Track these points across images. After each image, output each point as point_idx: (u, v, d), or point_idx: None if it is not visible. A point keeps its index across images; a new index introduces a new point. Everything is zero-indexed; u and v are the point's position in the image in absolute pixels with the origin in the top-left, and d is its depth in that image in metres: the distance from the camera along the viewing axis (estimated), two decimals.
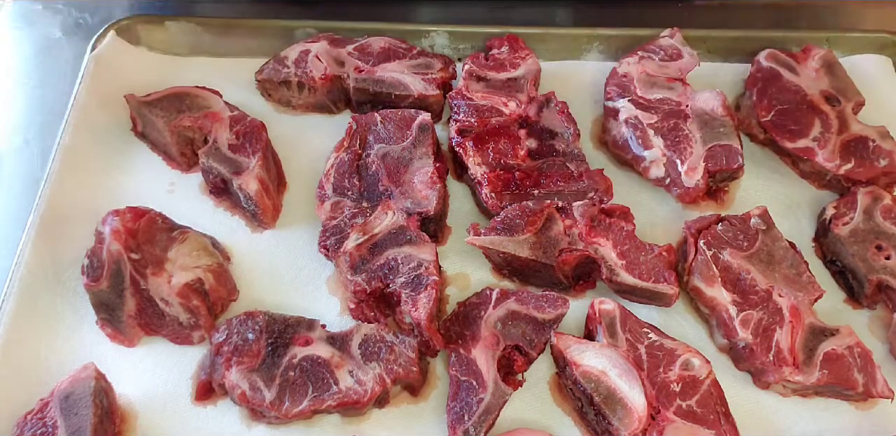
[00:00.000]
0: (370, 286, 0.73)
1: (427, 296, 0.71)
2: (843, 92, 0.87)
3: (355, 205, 0.78)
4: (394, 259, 0.74)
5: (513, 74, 0.88)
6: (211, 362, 0.71)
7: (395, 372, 0.69)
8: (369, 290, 0.73)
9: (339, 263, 0.75)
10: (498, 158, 0.82)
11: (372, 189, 0.79)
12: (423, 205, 0.77)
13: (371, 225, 0.75)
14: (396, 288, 0.73)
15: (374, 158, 0.80)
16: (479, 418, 0.68)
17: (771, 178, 0.87)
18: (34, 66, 0.96)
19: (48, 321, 0.75)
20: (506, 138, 0.83)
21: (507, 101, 0.85)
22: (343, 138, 0.83)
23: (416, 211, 0.77)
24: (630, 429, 0.66)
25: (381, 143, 0.82)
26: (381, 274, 0.74)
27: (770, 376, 0.71)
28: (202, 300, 0.73)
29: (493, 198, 0.80)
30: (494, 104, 0.85)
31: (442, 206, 0.80)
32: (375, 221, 0.76)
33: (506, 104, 0.85)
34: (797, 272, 0.75)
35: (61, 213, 0.80)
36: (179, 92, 0.85)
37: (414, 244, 0.75)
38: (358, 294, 0.73)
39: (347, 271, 0.74)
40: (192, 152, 0.85)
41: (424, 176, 0.78)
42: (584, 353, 0.70)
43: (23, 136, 0.90)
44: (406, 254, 0.74)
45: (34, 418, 0.67)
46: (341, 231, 0.76)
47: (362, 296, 0.73)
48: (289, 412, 0.67)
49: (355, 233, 0.75)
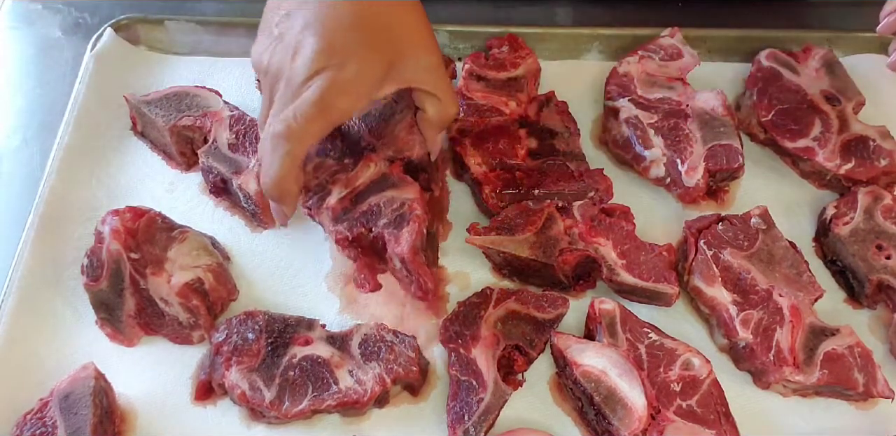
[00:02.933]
0: (352, 233, 0.70)
1: (410, 230, 0.68)
2: (844, 92, 0.87)
3: (337, 163, 0.75)
4: (376, 204, 0.71)
5: (513, 74, 0.88)
6: (211, 361, 0.71)
7: (395, 372, 0.69)
8: (351, 236, 0.70)
9: (323, 220, 0.73)
10: (498, 158, 0.82)
11: (354, 148, 0.76)
12: (406, 150, 0.75)
13: (353, 178, 0.73)
14: (379, 230, 0.70)
15: (355, 120, 0.77)
16: (479, 418, 0.68)
17: (771, 177, 0.86)
18: (33, 65, 0.96)
19: (47, 321, 0.75)
20: (506, 138, 0.83)
21: (507, 100, 0.85)
22: None
23: (399, 157, 0.75)
24: (630, 429, 0.66)
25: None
26: (364, 220, 0.71)
27: (770, 376, 0.71)
28: (202, 300, 0.73)
29: (493, 198, 0.80)
30: (494, 104, 0.85)
31: (428, 155, 0.76)
32: (358, 174, 0.73)
33: (506, 104, 0.85)
34: (797, 272, 0.75)
35: (60, 212, 0.80)
36: (179, 91, 0.85)
37: (397, 187, 0.72)
38: (340, 243, 0.71)
39: (329, 224, 0.71)
40: (191, 152, 0.85)
41: (406, 123, 0.75)
42: (585, 352, 0.70)
43: (22, 135, 0.89)
44: (389, 197, 0.71)
45: (33, 418, 0.67)
46: (323, 188, 0.74)
47: (345, 244, 0.71)
48: (288, 412, 0.67)
49: (337, 188, 0.73)
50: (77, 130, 0.85)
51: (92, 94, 0.88)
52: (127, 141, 0.87)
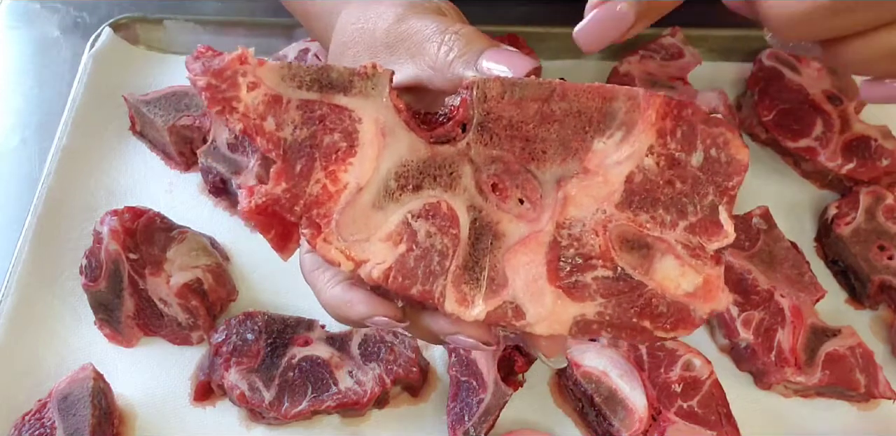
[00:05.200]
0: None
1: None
2: (845, 91, 0.87)
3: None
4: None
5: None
6: (210, 362, 0.70)
7: (395, 372, 0.69)
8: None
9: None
10: None
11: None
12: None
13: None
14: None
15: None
16: (480, 419, 0.67)
17: (772, 178, 0.86)
18: (32, 65, 0.95)
19: (46, 322, 0.74)
20: None
21: None
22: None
23: None
24: (631, 430, 0.66)
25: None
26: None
27: (772, 377, 0.71)
28: (201, 300, 0.73)
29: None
30: None
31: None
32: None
33: None
34: (799, 272, 0.75)
35: (59, 213, 0.80)
36: (178, 91, 0.85)
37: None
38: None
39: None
40: (190, 152, 0.84)
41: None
42: (585, 353, 0.69)
43: (20, 135, 0.89)
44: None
45: (32, 419, 0.66)
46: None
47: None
48: (288, 413, 0.67)
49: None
50: (75, 130, 0.85)
51: (90, 93, 0.87)
52: (126, 141, 0.87)
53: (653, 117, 0.43)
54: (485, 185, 0.42)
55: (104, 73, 0.89)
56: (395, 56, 0.50)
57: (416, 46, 0.49)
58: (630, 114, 0.43)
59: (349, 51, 0.55)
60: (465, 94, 0.42)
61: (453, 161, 0.42)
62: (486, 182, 0.42)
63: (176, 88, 0.85)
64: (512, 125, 0.42)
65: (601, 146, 0.43)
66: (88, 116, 0.86)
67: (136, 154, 0.86)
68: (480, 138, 0.42)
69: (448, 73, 0.46)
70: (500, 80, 0.42)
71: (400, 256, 0.40)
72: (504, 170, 0.42)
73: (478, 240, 0.42)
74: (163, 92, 0.85)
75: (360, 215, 0.40)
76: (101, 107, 0.88)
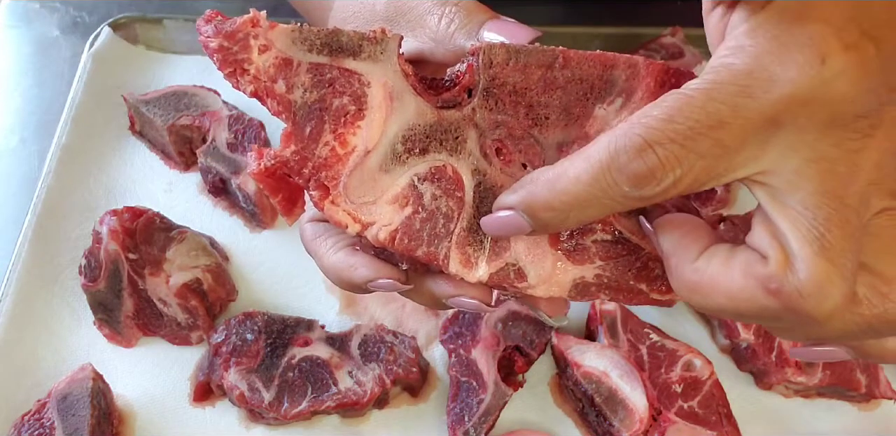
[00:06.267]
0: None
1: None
2: None
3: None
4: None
5: None
6: (209, 362, 0.70)
7: (395, 373, 0.69)
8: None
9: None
10: None
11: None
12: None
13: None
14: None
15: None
16: (480, 419, 0.67)
17: None
18: (31, 64, 0.95)
19: (45, 322, 0.74)
20: None
21: None
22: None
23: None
24: (632, 430, 0.66)
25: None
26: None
27: (772, 377, 0.71)
28: (200, 300, 0.72)
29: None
30: None
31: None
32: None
33: None
34: None
35: (58, 213, 0.80)
36: (178, 91, 0.85)
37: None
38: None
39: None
40: (190, 152, 0.84)
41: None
42: (586, 354, 0.69)
43: (19, 135, 0.89)
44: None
45: (31, 420, 0.66)
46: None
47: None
48: (287, 413, 0.67)
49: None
50: (75, 130, 0.85)
51: (90, 93, 0.87)
52: (125, 141, 0.87)
53: (651, 85, 0.44)
54: (489, 149, 0.43)
55: (103, 73, 0.89)
56: (395, 29, 0.50)
57: (416, 19, 0.49)
58: (630, 81, 0.43)
59: (349, 26, 0.55)
60: (471, 60, 0.42)
61: (459, 126, 0.42)
62: (490, 146, 0.43)
63: (175, 88, 0.85)
64: (516, 91, 0.42)
65: (602, 112, 0.43)
66: (88, 115, 0.86)
67: (135, 154, 0.86)
68: (486, 103, 0.42)
69: (449, 44, 0.47)
70: (506, 47, 0.42)
71: (406, 219, 0.41)
72: (508, 135, 0.43)
73: (482, 203, 0.42)
74: (162, 92, 0.85)
75: (367, 178, 0.40)
76: (101, 106, 0.87)
